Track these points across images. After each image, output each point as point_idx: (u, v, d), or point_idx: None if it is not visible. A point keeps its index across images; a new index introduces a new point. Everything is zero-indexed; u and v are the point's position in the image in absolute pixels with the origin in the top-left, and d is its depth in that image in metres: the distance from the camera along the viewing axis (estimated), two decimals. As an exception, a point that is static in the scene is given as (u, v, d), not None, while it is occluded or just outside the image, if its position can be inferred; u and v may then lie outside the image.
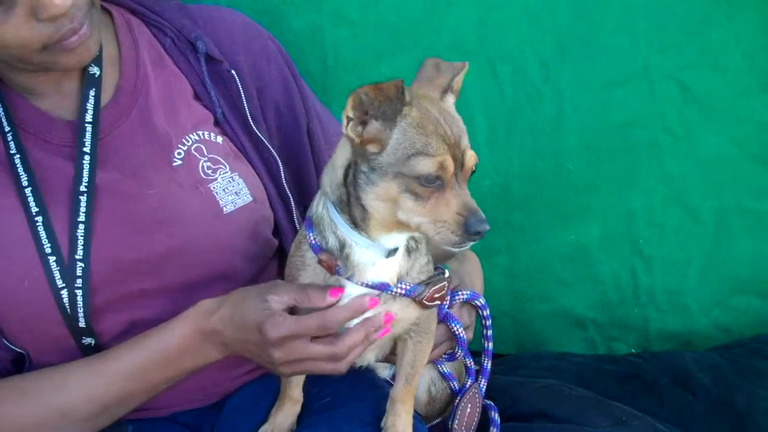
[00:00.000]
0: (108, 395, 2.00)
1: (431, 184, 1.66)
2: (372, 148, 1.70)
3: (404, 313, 1.91)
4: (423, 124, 1.68)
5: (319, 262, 1.84)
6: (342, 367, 1.88)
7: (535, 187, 3.00)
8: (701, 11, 2.83)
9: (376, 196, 1.72)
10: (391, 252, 1.83)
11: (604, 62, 2.87)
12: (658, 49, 2.85)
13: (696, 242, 3.06)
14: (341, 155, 1.79)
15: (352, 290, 1.85)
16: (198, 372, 2.04)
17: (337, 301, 1.82)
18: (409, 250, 1.88)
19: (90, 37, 1.94)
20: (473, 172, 1.73)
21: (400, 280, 1.87)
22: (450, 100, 1.82)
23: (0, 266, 1.97)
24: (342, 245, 1.82)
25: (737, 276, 3.09)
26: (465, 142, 1.70)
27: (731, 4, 2.82)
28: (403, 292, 1.86)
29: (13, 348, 2.07)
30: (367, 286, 1.84)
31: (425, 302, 1.89)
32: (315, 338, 1.84)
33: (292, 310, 1.85)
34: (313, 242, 1.86)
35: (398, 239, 1.82)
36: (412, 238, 1.87)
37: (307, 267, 1.90)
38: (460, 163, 1.68)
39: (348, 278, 1.83)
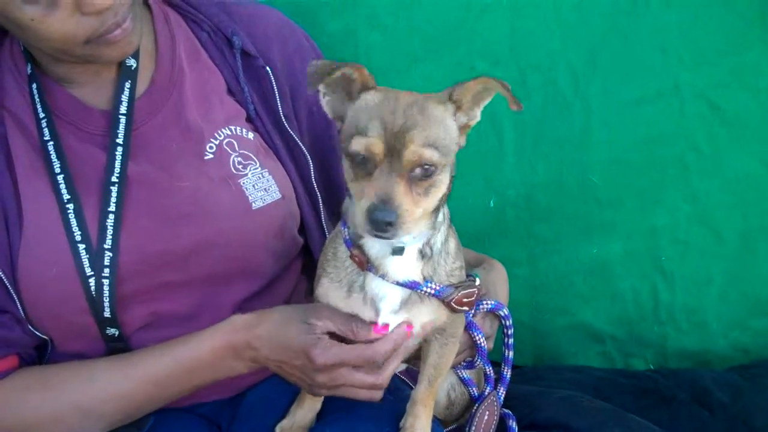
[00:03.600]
0: (131, 398, 2.02)
1: (362, 167, 1.65)
2: (337, 126, 1.75)
3: (433, 315, 1.91)
4: (370, 107, 1.68)
5: (351, 256, 1.85)
6: (378, 395, 1.94)
7: (560, 199, 3.00)
8: (734, 31, 2.83)
9: (345, 176, 1.74)
10: (397, 250, 1.82)
11: (635, 77, 2.86)
12: (690, 66, 2.85)
13: (718, 261, 3.04)
14: None
15: (381, 288, 1.86)
16: None
17: (380, 338, 1.86)
18: (423, 255, 1.86)
19: (132, 31, 1.96)
20: (427, 174, 1.66)
21: (427, 279, 1.86)
22: (448, 108, 1.75)
23: (30, 251, 1.98)
24: (359, 236, 1.83)
25: (758, 297, 3.07)
26: (413, 136, 1.63)
27: (765, 26, 2.82)
28: (433, 292, 1.86)
29: (38, 334, 2.07)
30: (398, 284, 1.84)
31: (454, 305, 1.89)
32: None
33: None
34: (347, 237, 1.87)
35: None
36: (427, 244, 1.85)
37: (337, 259, 1.91)
38: (397, 153, 1.63)
39: (381, 276, 1.83)
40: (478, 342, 2.17)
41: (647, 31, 2.83)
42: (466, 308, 1.93)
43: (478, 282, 1.97)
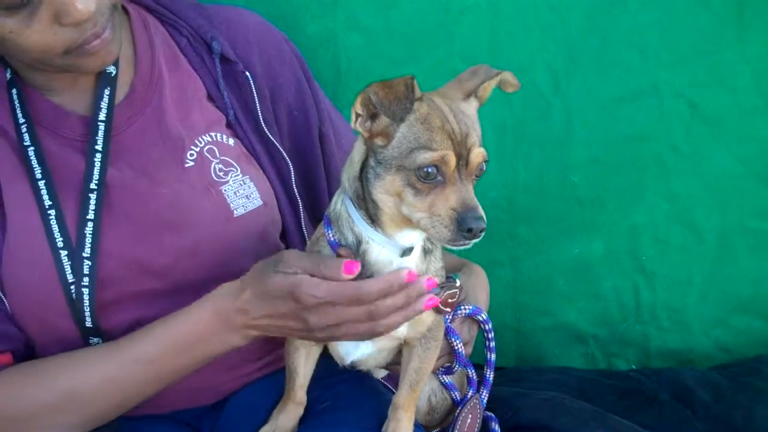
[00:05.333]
0: (124, 381, 1.98)
1: (431, 180, 1.66)
2: (379, 141, 1.71)
3: (422, 315, 1.90)
4: (429, 120, 1.68)
5: (338, 257, 1.83)
6: (379, 328, 1.82)
7: (541, 199, 3.00)
8: (712, 31, 2.84)
9: (383, 190, 1.73)
10: (406, 251, 1.83)
11: (614, 77, 2.88)
12: (668, 66, 2.86)
13: (699, 260, 3.06)
14: (358, 150, 1.81)
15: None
16: (200, 371, 2.03)
17: (354, 277, 1.78)
18: (425, 251, 1.88)
19: (112, 41, 1.94)
20: (482, 171, 1.72)
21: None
22: (472, 103, 1.80)
23: (13, 254, 1.97)
24: (359, 242, 1.82)
25: (739, 296, 3.09)
26: (473, 139, 1.69)
27: (742, 25, 2.83)
28: None
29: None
30: None
31: (440, 305, 1.89)
32: None
33: None
34: (332, 239, 1.86)
35: (412, 237, 1.81)
36: (428, 239, 1.86)
37: None
38: (465, 160, 1.67)
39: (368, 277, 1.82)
40: (456, 347, 2.16)
41: (625, 31, 2.84)
42: (449, 309, 1.94)
43: (458, 283, 1.98)
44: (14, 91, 2.02)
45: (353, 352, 2.04)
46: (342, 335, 1.85)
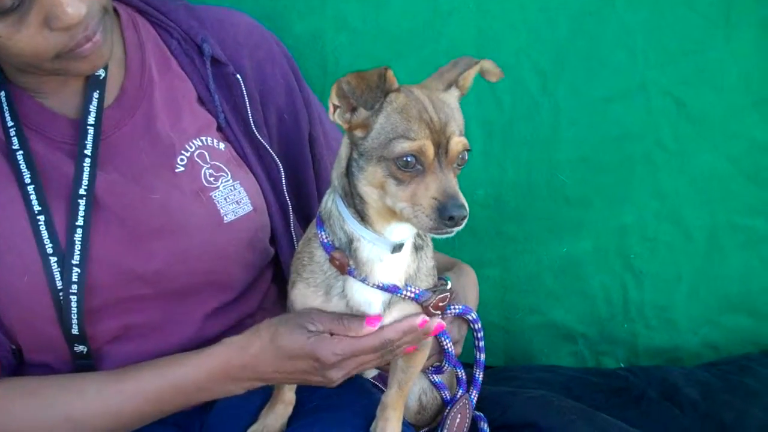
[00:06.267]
0: (122, 414, 1.98)
1: (411, 169, 1.66)
2: (359, 133, 1.72)
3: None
4: (406, 109, 1.68)
5: (331, 260, 1.84)
6: (387, 358, 1.94)
7: (529, 198, 3.01)
8: (699, 30, 2.86)
9: (366, 182, 1.73)
10: (397, 248, 1.83)
11: (602, 76, 2.89)
12: (656, 65, 2.87)
13: (687, 259, 3.08)
14: (344, 145, 1.81)
15: (363, 294, 1.86)
16: None
17: (375, 330, 1.85)
18: (416, 248, 1.89)
19: (103, 44, 1.92)
20: (464, 160, 1.72)
21: (408, 283, 1.87)
22: (453, 93, 1.80)
23: (1, 259, 1.96)
24: (350, 240, 1.82)
25: (727, 294, 3.10)
26: (452, 128, 1.69)
27: (729, 25, 2.85)
28: (412, 295, 1.86)
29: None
30: (378, 287, 1.84)
31: (431, 309, 1.89)
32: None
33: None
34: (325, 240, 1.86)
35: (402, 233, 1.81)
36: (419, 235, 1.87)
37: (314, 263, 1.89)
38: (444, 149, 1.67)
39: (362, 280, 1.83)
40: (446, 347, 2.16)
41: (613, 31, 2.85)
42: (439, 312, 1.93)
43: (449, 285, 1.98)
44: (2, 93, 2.01)
45: None
46: (355, 373, 1.95)
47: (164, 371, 1.98)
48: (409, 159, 1.65)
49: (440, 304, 1.91)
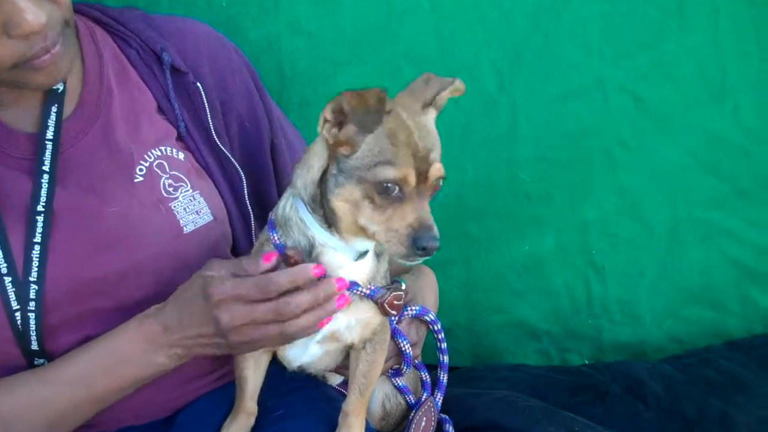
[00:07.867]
0: (53, 402, 1.95)
1: (390, 195, 1.66)
2: (344, 151, 1.71)
3: (369, 313, 1.92)
4: (395, 135, 1.67)
5: (285, 258, 1.82)
6: (290, 329, 1.80)
7: (490, 197, 3.01)
8: (654, 23, 2.87)
9: (342, 199, 1.72)
10: (361, 255, 1.83)
11: (559, 73, 2.89)
12: (611, 60, 2.88)
13: (649, 253, 3.09)
14: (319, 155, 1.79)
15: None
16: (149, 386, 2.00)
17: (273, 267, 1.81)
18: (378, 254, 1.89)
19: (63, 57, 1.88)
20: (438, 187, 1.73)
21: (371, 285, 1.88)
22: (431, 114, 1.81)
23: None
24: (312, 246, 1.82)
25: (689, 287, 3.12)
26: (434, 155, 1.70)
27: (683, 16, 2.86)
28: (368, 292, 1.87)
29: None
30: None
31: (386, 306, 1.90)
32: None
33: None
34: (278, 242, 1.85)
35: (368, 243, 1.82)
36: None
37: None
38: (424, 176, 1.68)
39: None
40: (403, 348, 2.16)
41: (568, 27, 2.85)
42: (395, 312, 1.94)
43: (404, 285, 1.99)
44: None
45: (300, 355, 2.04)
46: (256, 339, 1.84)
47: (86, 349, 1.96)
48: (390, 186, 1.65)
49: (395, 302, 1.91)
